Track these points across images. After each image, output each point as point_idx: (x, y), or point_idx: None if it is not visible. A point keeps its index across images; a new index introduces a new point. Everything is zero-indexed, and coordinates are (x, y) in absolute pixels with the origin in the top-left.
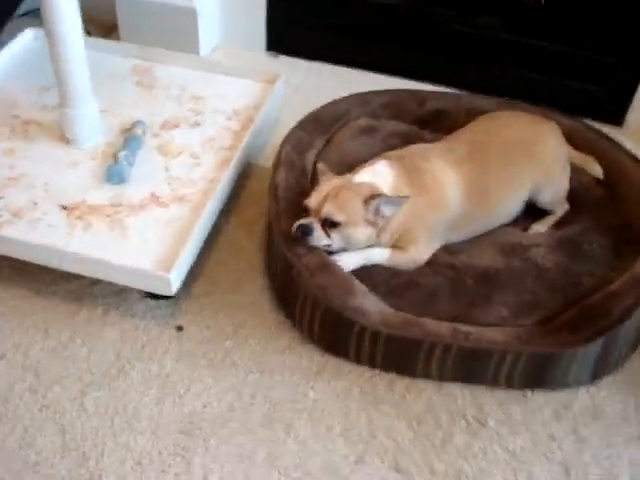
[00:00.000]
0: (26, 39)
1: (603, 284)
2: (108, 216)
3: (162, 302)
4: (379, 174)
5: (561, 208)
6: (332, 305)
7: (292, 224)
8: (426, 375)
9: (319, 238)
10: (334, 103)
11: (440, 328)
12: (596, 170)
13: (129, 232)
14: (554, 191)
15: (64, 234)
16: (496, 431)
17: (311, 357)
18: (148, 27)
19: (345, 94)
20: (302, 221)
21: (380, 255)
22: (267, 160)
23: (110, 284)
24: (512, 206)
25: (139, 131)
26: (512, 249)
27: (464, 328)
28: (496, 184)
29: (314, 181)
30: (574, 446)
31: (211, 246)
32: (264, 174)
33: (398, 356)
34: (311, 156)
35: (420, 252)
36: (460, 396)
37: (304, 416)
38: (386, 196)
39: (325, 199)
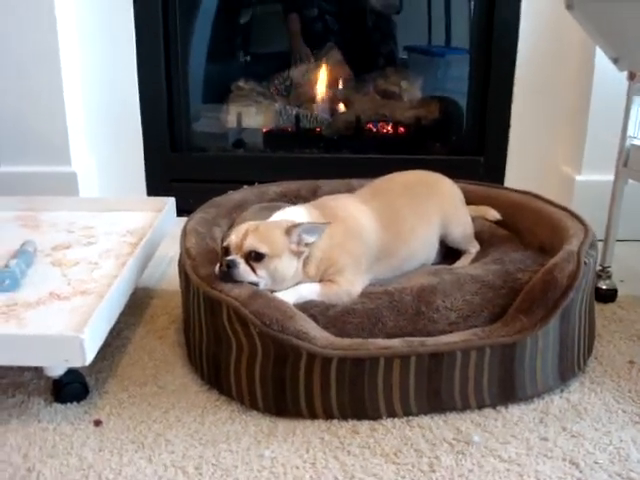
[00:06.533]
0: None
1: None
2: (3, 313)
3: (72, 405)
4: (292, 214)
5: (473, 247)
6: (272, 334)
7: (211, 272)
8: (390, 412)
9: (245, 272)
10: (231, 194)
11: (393, 343)
12: (493, 214)
13: (27, 322)
14: (462, 228)
15: None
16: (484, 445)
17: (258, 422)
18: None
19: None
20: (226, 257)
21: (311, 290)
22: (169, 285)
23: (6, 393)
24: (426, 240)
25: (29, 248)
26: (439, 270)
27: (417, 339)
28: (405, 215)
29: None
30: (571, 441)
31: (122, 353)
32: (168, 294)
33: (355, 391)
34: (217, 232)
35: (351, 283)
36: (434, 425)
37: (265, 474)
38: (307, 224)
39: (246, 234)
